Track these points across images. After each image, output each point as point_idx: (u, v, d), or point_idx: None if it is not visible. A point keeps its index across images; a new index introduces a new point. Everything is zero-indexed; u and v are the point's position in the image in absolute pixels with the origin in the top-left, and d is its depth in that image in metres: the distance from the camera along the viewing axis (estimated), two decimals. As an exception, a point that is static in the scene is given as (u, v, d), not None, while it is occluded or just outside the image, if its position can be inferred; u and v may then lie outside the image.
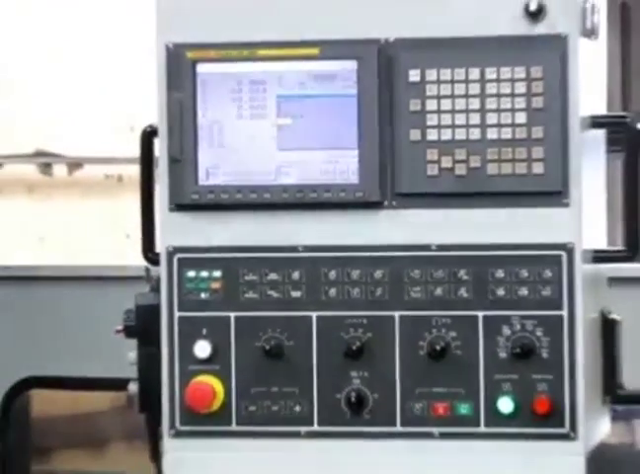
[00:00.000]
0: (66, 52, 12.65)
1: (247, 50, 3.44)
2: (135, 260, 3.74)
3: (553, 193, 3.25)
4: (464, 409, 3.33)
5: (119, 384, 3.69)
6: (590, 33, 3.41)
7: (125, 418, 3.80)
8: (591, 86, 3.52)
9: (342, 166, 3.36)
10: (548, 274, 3.30)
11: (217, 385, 3.41)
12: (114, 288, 4.03)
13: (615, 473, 3.73)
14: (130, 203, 3.45)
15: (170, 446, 3.46)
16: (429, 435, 3.34)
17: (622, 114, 3.86)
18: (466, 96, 3.28)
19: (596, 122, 3.48)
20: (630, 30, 14.61)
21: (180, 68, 3.42)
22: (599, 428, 3.56)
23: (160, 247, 3.49)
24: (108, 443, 6.64)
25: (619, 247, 3.59)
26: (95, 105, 11.82)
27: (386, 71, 3.32)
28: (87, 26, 12.37)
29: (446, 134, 3.28)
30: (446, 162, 3.28)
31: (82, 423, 6.83)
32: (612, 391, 3.59)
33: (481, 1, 3.40)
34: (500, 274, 3.34)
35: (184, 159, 3.44)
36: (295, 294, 3.41)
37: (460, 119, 3.28)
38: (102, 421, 6.33)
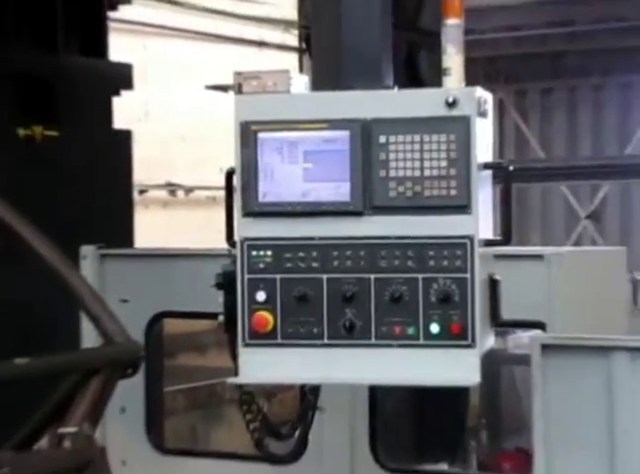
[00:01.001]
0: (185, 122, 13.84)
1: (286, 125, 3.86)
2: (223, 245, 4.08)
3: (462, 206, 3.78)
4: (411, 330, 3.83)
5: (214, 316, 4.04)
6: (483, 114, 3.89)
7: (218, 335, 4.11)
8: (483, 145, 3.93)
9: (340, 190, 3.85)
10: (459, 252, 3.80)
11: (269, 317, 3.91)
12: (212, 261, 4.25)
13: (496, 366, 4.06)
14: (220, 213, 4.07)
15: (241, 352, 3.95)
16: (391, 346, 3.85)
17: (500, 161, 4.36)
18: (412, 151, 3.79)
19: (486, 166, 3.93)
20: (504, 112, 14.96)
21: (248, 135, 3.89)
22: (488, 341, 4.00)
23: (236, 237, 3.97)
24: (209, 349, 7.42)
25: (499, 237, 4.00)
26: (200, 154, 12.92)
27: (366, 137, 3.82)
28: (201, 107, 13.02)
29: (400, 173, 3.81)
30: (401, 189, 3.81)
31: (195, 337, 7.57)
32: (495, 320, 4.00)
33: (421, 97, 3.91)
34: (431, 252, 3.81)
35: (250, 187, 3.90)
36: (314, 264, 3.90)
37: (408, 165, 3.80)
38: (205, 337, 6.98)
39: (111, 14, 5.97)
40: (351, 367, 3.92)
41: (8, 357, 3.60)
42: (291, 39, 17.37)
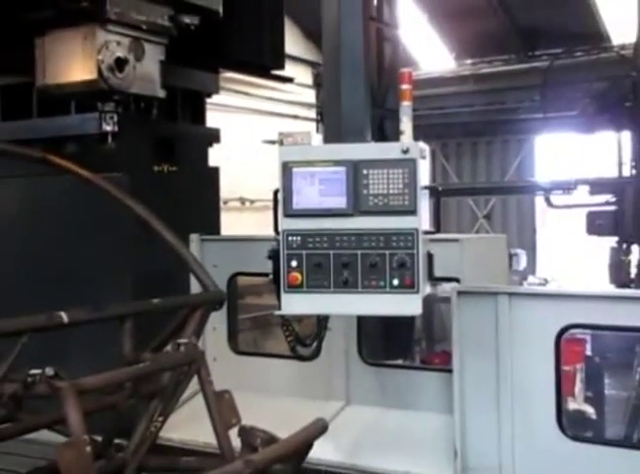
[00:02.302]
0: (249, 162, 13.69)
1: (309, 163, 3.78)
2: (272, 233, 3.95)
3: (411, 211, 3.70)
4: (382, 283, 3.74)
5: (267, 275, 3.94)
6: (423, 157, 3.80)
7: (269, 286, 3.97)
8: (424, 175, 3.81)
9: (340, 201, 3.76)
10: (410, 238, 3.72)
11: (299, 276, 3.82)
12: (266, 243, 4.03)
13: (430, 304, 4.01)
14: (270, 215, 4.00)
15: (283, 296, 3.86)
16: (369, 292, 3.76)
17: (433, 184, 4.32)
18: (382, 178, 3.72)
19: (425, 187, 3.86)
20: (435, 156, 15.86)
21: (286, 169, 3.80)
22: (426, 289, 3.86)
23: (280, 229, 3.86)
24: (263, 294, 7.28)
25: (433, 229, 3.95)
26: (258, 181, 12.60)
27: (355, 170, 3.74)
28: (258, 153, 13.04)
29: (375, 191, 3.72)
30: (376, 201, 3.74)
31: (255, 287, 7.52)
32: (430, 277, 3.91)
33: (387, 147, 3.82)
34: (394, 238, 3.72)
35: (287, 200, 3.81)
36: (325, 245, 3.80)
37: (380, 186, 3.72)
38: (261, 287, 6.90)
39: (208, 99, 5.95)
40: (346, 305, 3.83)
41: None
42: (311, 113, 17.47)
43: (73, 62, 4.01)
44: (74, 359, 3.40)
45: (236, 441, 3.31)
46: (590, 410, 6.75)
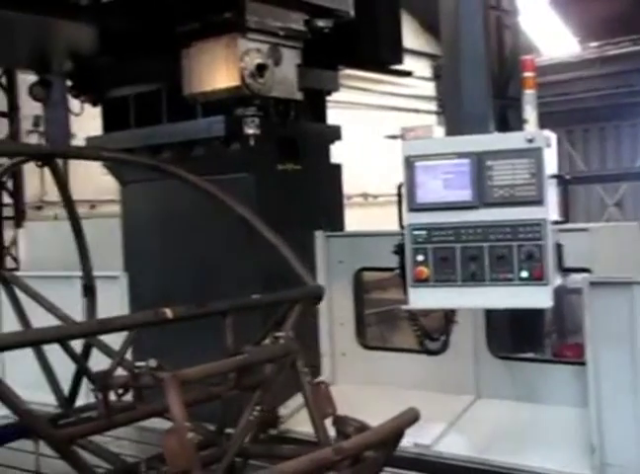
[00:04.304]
0: (373, 157, 13.71)
1: (431, 157, 3.77)
2: (396, 228, 3.96)
3: (538, 201, 3.62)
4: (510, 276, 3.67)
5: (392, 269, 3.99)
6: (549, 146, 3.72)
7: (395, 280, 4.00)
8: (550, 164, 3.72)
9: (465, 194, 3.71)
10: (537, 229, 3.64)
11: (425, 270, 3.83)
12: (390, 238, 4.09)
13: (561, 295, 3.87)
14: (393, 210, 3.98)
15: (410, 290, 3.89)
16: (498, 285, 3.70)
17: (560, 173, 3.97)
18: (507, 169, 3.67)
19: (552, 176, 3.75)
20: (561, 143, 14.56)
21: (409, 163, 3.83)
22: (556, 280, 3.78)
23: (404, 223, 3.89)
24: (389, 289, 7.17)
25: (562, 219, 3.85)
26: (382, 172, 12.62)
27: (479, 162, 3.71)
28: (382, 148, 13.01)
29: (500, 183, 3.68)
30: (501, 192, 3.69)
31: (381, 282, 7.45)
32: (560, 268, 3.80)
33: (512, 137, 3.74)
34: (521, 229, 3.65)
35: (411, 194, 3.83)
36: (450, 239, 3.77)
37: (505, 177, 3.68)
38: (386, 281, 6.72)
39: (328, 97, 5.96)
40: (474, 298, 3.79)
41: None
42: (432, 106, 17.32)
43: (217, 71, 4.18)
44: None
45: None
46: None
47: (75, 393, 4.10)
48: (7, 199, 10.59)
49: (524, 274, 3.69)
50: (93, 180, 10.08)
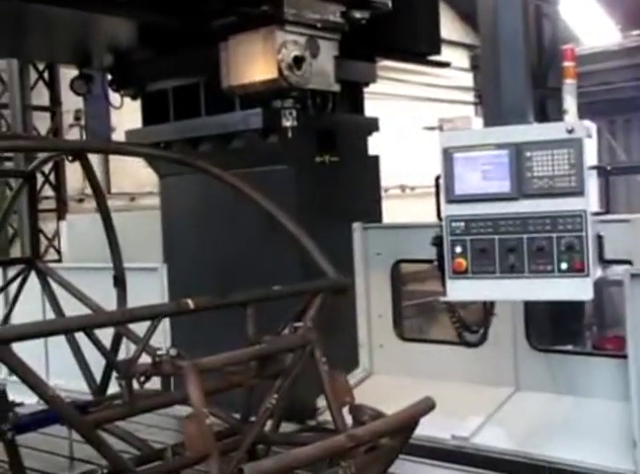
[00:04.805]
0: (409, 149, 13.64)
1: (469, 148, 3.75)
2: (434, 220, 3.97)
3: (579, 192, 3.59)
4: (549, 268, 3.64)
5: (430, 261, 3.99)
6: (589, 136, 3.68)
7: (433, 272, 3.93)
8: (590, 154, 3.70)
9: (503, 185, 3.69)
10: (578, 220, 3.59)
11: (464, 261, 3.81)
12: (429, 229, 4.05)
13: (601, 287, 3.85)
14: (431, 201, 3.96)
15: (448, 282, 3.87)
16: (537, 277, 3.67)
17: (601, 164, 4.00)
18: (546, 160, 3.62)
19: (593, 167, 3.72)
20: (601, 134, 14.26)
21: (447, 155, 3.80)
22: (596, 272, 3.76)
23: (443, 215, 3.88)
24: (427, 281, 7.02)
25: (602, 210, 3.85)
26: (419, 163, 12.51)
27: (518, 153, 3.68)
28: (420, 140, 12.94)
29: (540, 173, 3.64)
30: (541, 183, 3.65)
31: (419, 274, 7.29)
32: (600, 259, 3.81)
33: (551, 128, 3.70)
34: (561, 221, 3.62)
35: (450, 185, 3.80)
36: (489, 230, 3.75)
37: (545, 168, 3.63)
38: (425, 273, 6.60)
39: (365, 89, 5.92)
40: (513, 290, 3.76)
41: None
42: (469, 97, 17.19)
43: (255, 63, 4.20)
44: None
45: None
46: None
47: (107, 381, 4.20)
48: (50, 192, 10.84)
49: (564, 265, 3.65)
50: (132, 172, 10.52)
